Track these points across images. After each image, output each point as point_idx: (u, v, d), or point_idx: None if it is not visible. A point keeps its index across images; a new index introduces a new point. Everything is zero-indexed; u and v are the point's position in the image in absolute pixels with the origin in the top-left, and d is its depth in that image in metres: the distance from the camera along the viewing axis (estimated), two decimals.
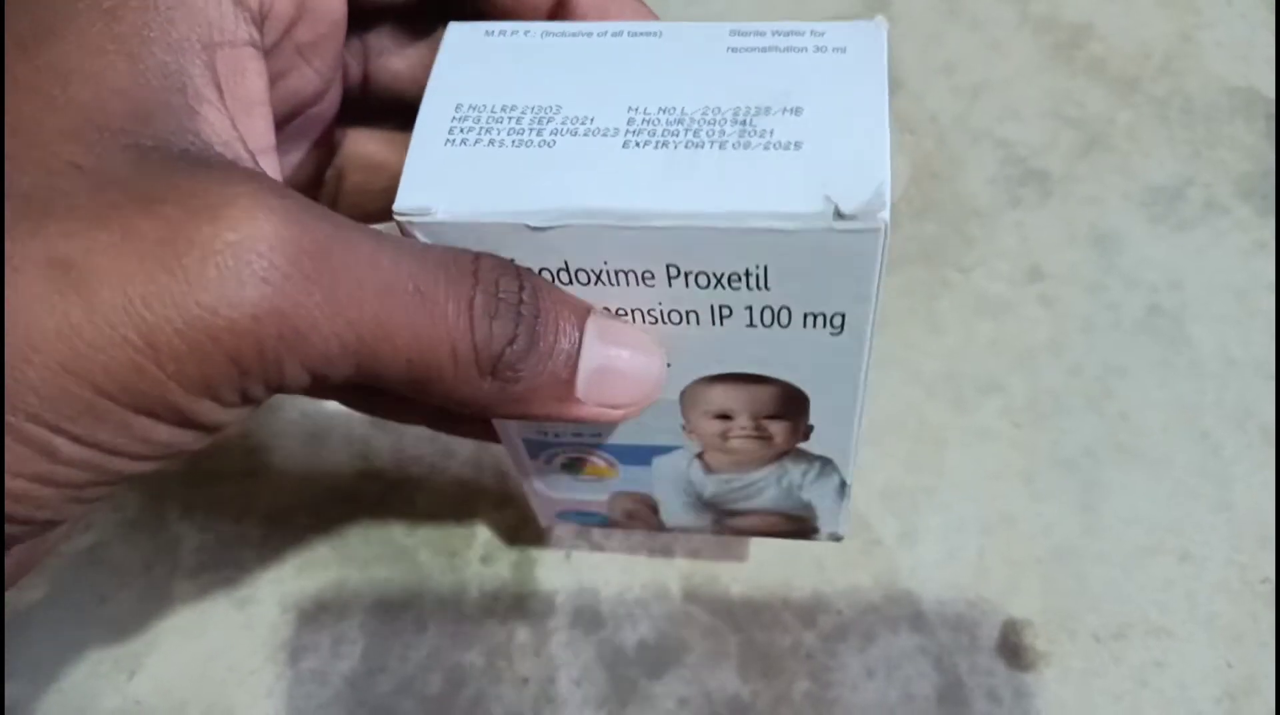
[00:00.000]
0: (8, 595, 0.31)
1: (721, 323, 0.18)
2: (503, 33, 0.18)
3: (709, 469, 0.23)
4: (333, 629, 0.30)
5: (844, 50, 0.17)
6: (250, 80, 0.16)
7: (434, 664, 0.30)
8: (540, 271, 0.17)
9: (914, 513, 0.32)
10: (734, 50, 0.17)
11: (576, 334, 0.17)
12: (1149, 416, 0.33)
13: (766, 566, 0.31)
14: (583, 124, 0.17)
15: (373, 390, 0.16)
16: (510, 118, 0.17)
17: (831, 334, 0.18)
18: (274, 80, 0.18)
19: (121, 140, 0.14)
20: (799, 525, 0.25)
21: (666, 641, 0.30)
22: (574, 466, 0.23)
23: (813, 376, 0.19)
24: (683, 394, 0.20)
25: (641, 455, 0.23)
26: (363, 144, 0.22)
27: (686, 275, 0.17)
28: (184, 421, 0.14)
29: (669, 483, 0.24)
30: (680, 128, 0.16)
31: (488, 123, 0.17)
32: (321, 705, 0.29)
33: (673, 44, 0.18)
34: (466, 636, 0.30)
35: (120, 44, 0.15)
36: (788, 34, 0.17)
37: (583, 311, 0.17)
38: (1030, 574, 0.31)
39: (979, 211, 0.37)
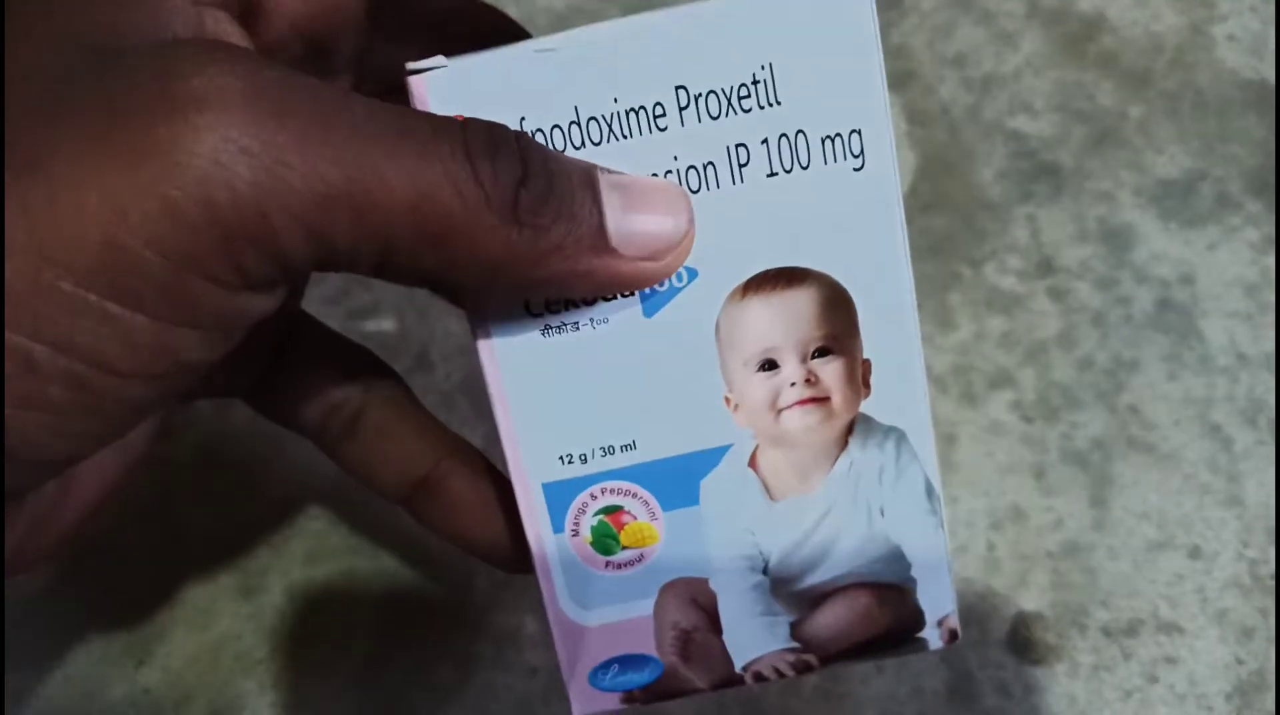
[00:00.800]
0: (15, 583, 0.31)
1: (742, 176, 0.17)
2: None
3: (770, 494, 0.19)
4: (341, 618, 0.30)
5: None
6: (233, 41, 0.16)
7: (443, 653, 0.30)
8: (553, 128, 0.17)
9: None
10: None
11: (591, 182, 0.16)
12: (1160, 411, 0.33)
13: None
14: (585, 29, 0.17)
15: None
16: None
17: (854, 169, 0.17)
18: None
19: (90, 39, 0.14)
20: (897, 609, 0.20)
21: None
22: (608, 533, 0.20)
23: (850, 254, 0.18)
24: (719, 328, 0.18)
25: (687, 477, 0.19)
26: None
27: (696, 99, 0.17)
28: (173, 311, 0.13)
29: (726, 541, 0.20)
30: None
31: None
32: (330, 694, 0.29)
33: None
34: (475, 626, 0.30)
35: None
36: None
37: (588, 164, 0.16)
38: (1040, 568, 0.31)
39: (990, 205, 0.37)
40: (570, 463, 0.19)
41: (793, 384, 0.19)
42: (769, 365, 0.19)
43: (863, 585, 0.20)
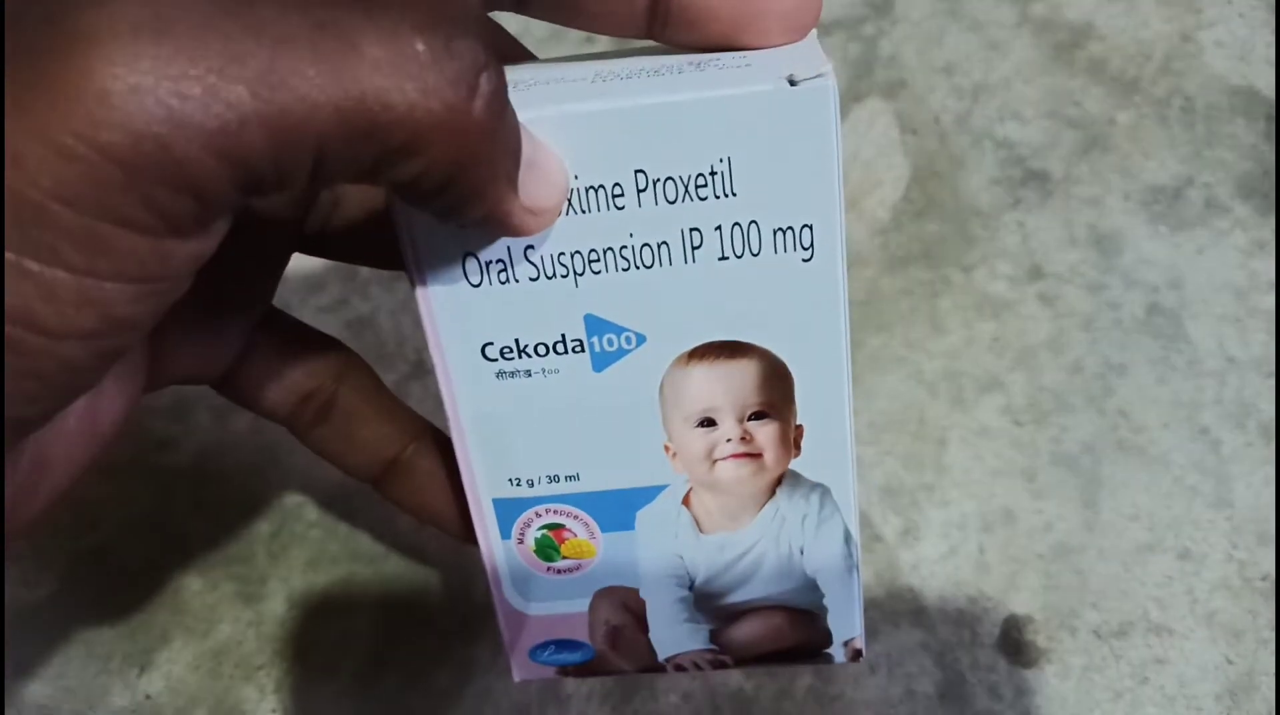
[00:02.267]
0: (18, 592, 0.31)
1: (694, 257, 0.18)
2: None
3: (700, 528, 0.21)
4: (341, 624, 0.31)
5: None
6: None
7: (441, 659, 0.30)
8: None
9: (915, 510, 0.32)
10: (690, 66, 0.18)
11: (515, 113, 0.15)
12: (1149, 414, 0.34)
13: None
14: (550, 79, 0.17)
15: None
16: None
17: (803, 260, 0.18)
18: None
19: None
20: (808, 629, 0.23)
21: None
22: (549, 544, 0.22)
23: (792, 335, 0.19)
24: (663, 388, 0.19)
25: (625, 507, 0.21)
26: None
27: (654, 184, 0.17)
28: (93, 260, 0.12)
29: (656, 561, 0.22)
30: (642, 72, 0.17)
31: None
32: (330, 700, 0.30)
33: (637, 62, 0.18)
34: (473, 632, 0.30)
35: None
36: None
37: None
38: (1031, 571, 0.31)
39: (980, 211, 0.38)
40: (518, 485, 0.21)
41: (729, 440, 0.20)
42: (708, 422, 0.20)
43: (778, 607, 0.22)
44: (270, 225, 0.21)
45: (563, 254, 0.18)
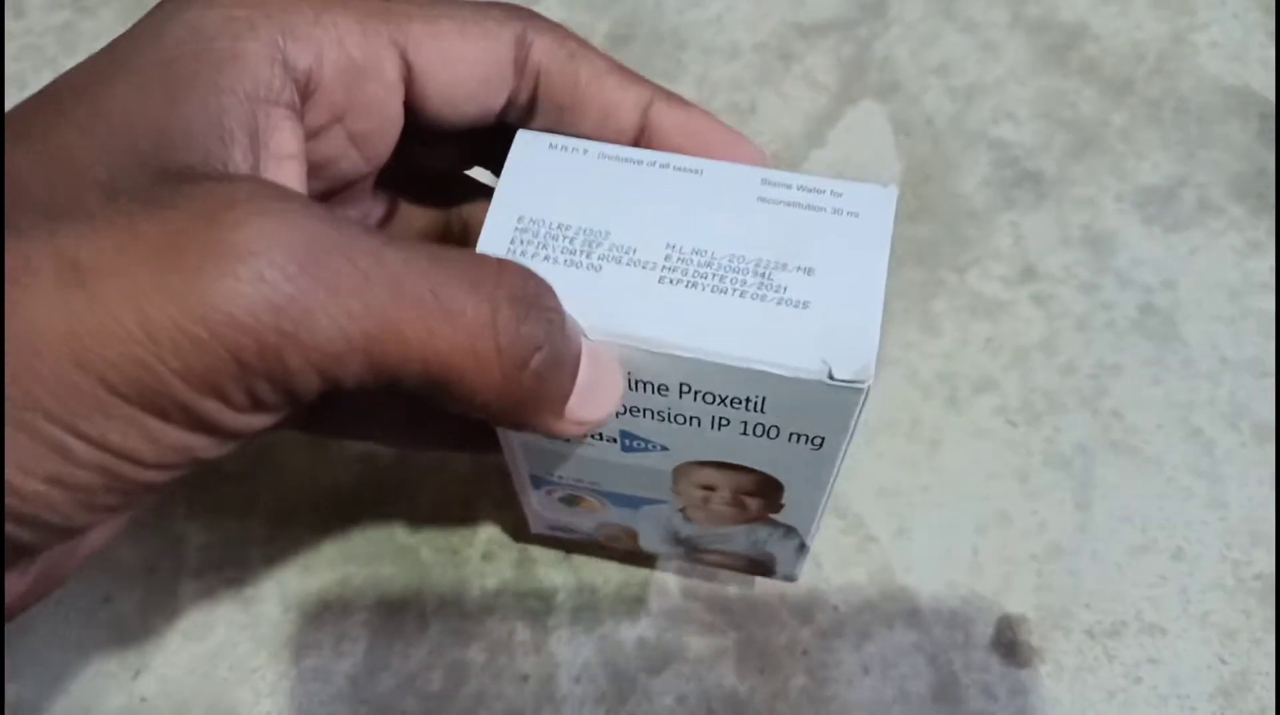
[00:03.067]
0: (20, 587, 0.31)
1: (719, 430, 0.20)
2: (565, 148, 0.20)
3: (689, 520, 0.25)
4: (336, 627, 0.31)
5: (857, 215, 0.19)
6: (284, 136, 0.18)
7: (435, 661, 0.30)
8: None
9: (909, 511, 0.32)
10: (763, 200, 0.20)
11: (578, 349, 0.18)
12: (1142, 415, 0.34)
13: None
14: (626, 253, 0.19)
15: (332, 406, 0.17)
16: (565, 236, 0.19)
17: (812, 450, 0.20)
18: (325, 164, 0.19)
19: (148, 163, 0.15)
20: (759, 567, 0.28)
21: (665, 639, 0.30)
22: (570, 501, 0.26)
23: (790, 474, 0.22)
24: (675, 472, 0.22)
25: (632, 502, 0.25)
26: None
27: (696, 392, 0.19)
28: (193, 423, 0.15)
29: (652, 523, 0.26)
30: (709, 271, 0.19)
31: (545, 238, 0.19)
32: (324, 703, 0.30)
33: (710, 184, 0.20)
34: (468, 634, 0.30)
35: (166, 89, 0.16)
36: (811, 190, 0.20)
37: (578, 338, 0.18)
38: (1025, 571, 0.31)
39: (974, 213, 0.38)
40: (552, 479, 0.25)
41: (723, 498, 0.24)
42: (708, 488, 0.23)
43: (741, 555, 0.28)
44: None
45: None
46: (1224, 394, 0.34)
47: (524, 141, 0.21)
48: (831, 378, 0.18)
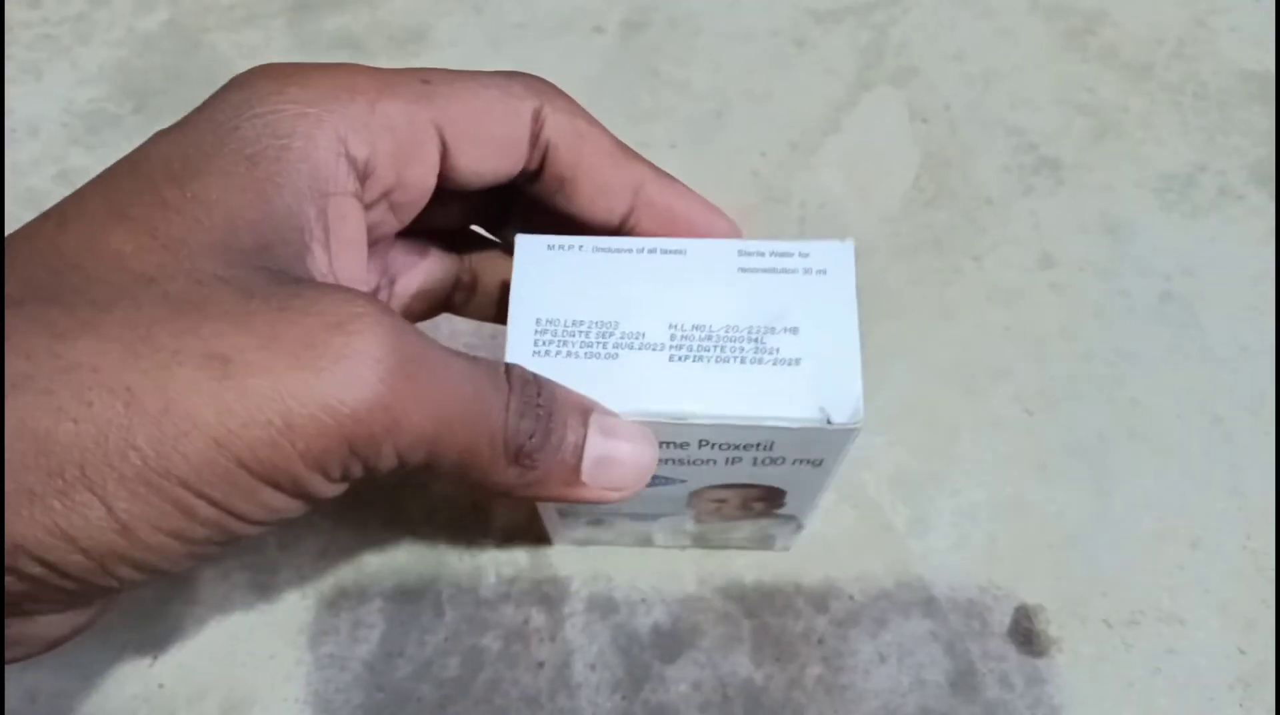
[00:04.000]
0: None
1: (732, 465, 0.23)
2: (562, 248, 0.23)
3: (700, 522, 0.28)
4: (352, 614, 0.31)
5: (825, 272, 0.22)
6: (351, 224, 0.20)
7: (451, 648, 0.30)
8: None
9: (925, 499, 0.32)
10: (743, 270, 0.22)
11: (582, 430, 0.20)
12: (1161, 403, 0.33)
13: (779, 553, 0.31)
14: (637, 338, 0.21)
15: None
16: (580, 331, 0.22)
17: (812, 467, 0.23)
18: (369, 229, 0.22)
19: (251, 261, 0.17)
20: (760, 544, 0.31)
21: (680, 626, 0.30)
22: (594, 522, 0.28)
23: (792, 484, 0.25)
24: (690, 494, 0.25)
25: (650, 516, 0.28)
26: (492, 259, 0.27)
27: (713, 445, 0.22)
28: (298, 493, 0.17)
29: (666, 527, 0.29)
30: (710, 343, 0.21)
31: (563, 336, 0.21)
32: (341, 689, 0.30)
33: (695, 262, 0.22)
34: (483, 621, 0.30)
35: (256, 186, 0.18)
36: (781, 255, 0.22)
37: (587, 410, 0.20)
38: (1042, 560, 0.31)
39: (991, 199, 0.38)
40: (579, 513, 0.27)
41: (733, 505, 0.26)
42: (719, 502, 0.26)
43: (743, 538, 0.30)
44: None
45: None
46: (1244, 381, 0.34)
47: (525, 245, 0.23)
48: (830, 423, 0.21)
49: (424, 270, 0.26)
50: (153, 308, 0.16)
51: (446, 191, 0.22)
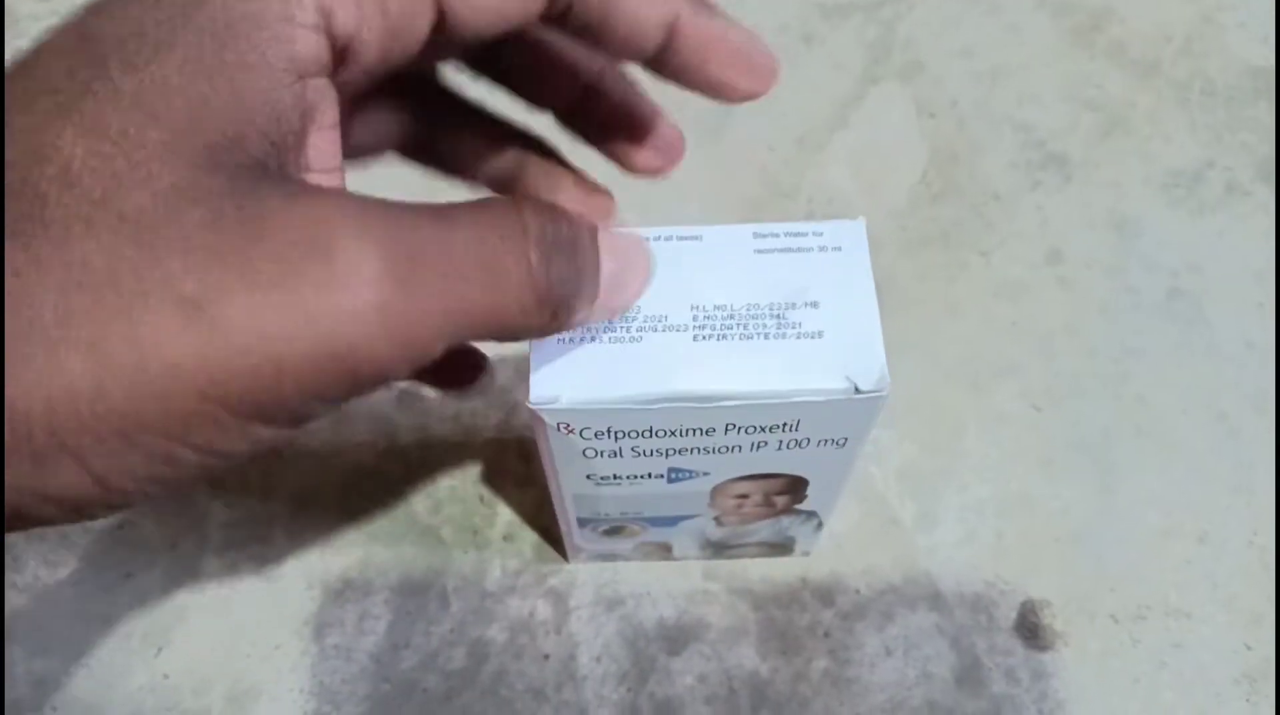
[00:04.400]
0: (40, 571, 0.31)
1: (757, 451, 0.23)
2: None
3: (721, 525, 0.28)
4: (358, 605, 0.31)
5: (840, 248, 0.22)
6: (326, 109, 0.17)
7: (457, 640, 0.30)
8: (630, 432, 0.22)
9: (932, 494, 0.32)
10: (759, 252, 0.22)
11: (597, 255, 0.18)
12: (1167, 399, 0.33)
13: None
14: (659, 321, 0.21)
15: None
16: None
17: (836, 448, 0.23)
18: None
19: (218, 159, 0.15)
20: (780, 550, 0.31)
21: (686, 619, 0.30)
22: (613, 531, 0.28)
23: (815, 471, 0.25)
24: (713, 490, 0.25)
25: (670, 521, 0.28)
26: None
27: (739, 428, 0.22)
28: (294, 422, 0.16)
29: (687, 534, 0.29)
30: (733, 322, 0.21)
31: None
32: (346, 680, 0.30)
33: (711, 246, 0.22)
34: (489, 613, 0.30)
35: (225, 70, 0.15)
36: (796, 235, 0.22)
37: (594, 228, 0.18)
38: (1048, 555, 0.31)
39: (998, 195, 0.38)
40: (599, 517, 0.27)
41: (755, 502, 0.26)
42: (741, 497, 0.26)
43: (764, 543, 0.30)
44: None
45: (657, 451, 0.23)
46: (1250, 378, 0.34)
47: None
48: (858, 391, 0.21)
49: (380, 121, 0.22)
50: (111, 236, 0.14)
51: (444, 42, 0.19)
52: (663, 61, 0.20)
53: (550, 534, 0.32)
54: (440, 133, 0.23)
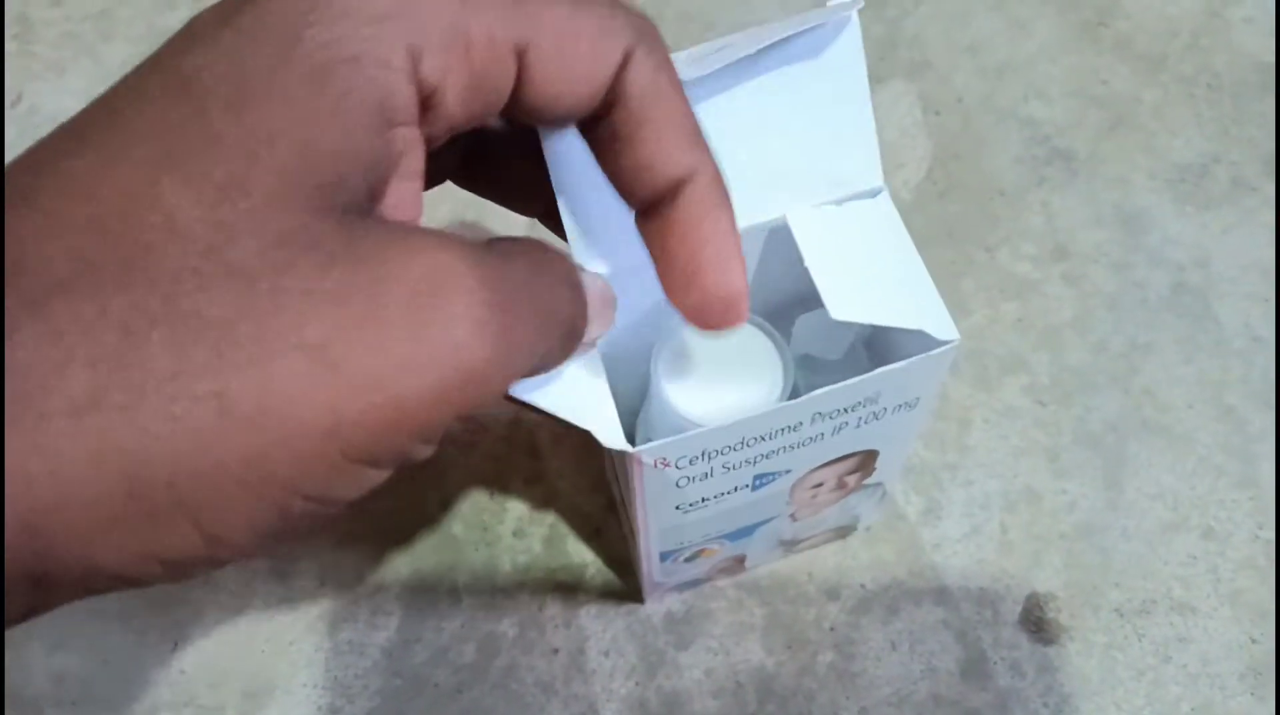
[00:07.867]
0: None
1: (836, 434, 0.23)
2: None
3: (795, 520, 0.28)
4: (370, 601, 0.31)
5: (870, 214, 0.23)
6: (414, 156, 0.17)
7: (468, 634, 0.31)
8: (721, 449, 0.22)
9: (938, 489, 0.32)
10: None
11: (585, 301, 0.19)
12: (1174, 393, 0.34)
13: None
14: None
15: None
16: None
17: (908, 410, 0.23)
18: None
19: (323, 203, 0.15)
20: (844, 533, 0.31)
21: (693, 614, 0.31)
22: (693, 557, 0.28)
23: (888, 441, 0.25)
24: (792, 486, 0.25)
25: (748, 531, 0.27)
26: None
27: (825, 415, 0.22)
28: (397, 463, 0.16)
29: (761, 541, 0.29)
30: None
31: None
32: (359, 675, 0.30)
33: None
34: (499, 608, 0.31)
35: (323, 113, 0.15)
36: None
37: (574, 268, 0.19)
38: (1054, 549, 0.31)
39: (1004, 191, 0.38)
40: (681, 546, 0.27)
41: (830, 489, 0.26)
42: (816, 486, 0.26)
43: (831, 530, 0.31)
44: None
45: (745, 461, 0.22)
46: (1256, 372, 0.34)
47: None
48: (939, 343, 0.21)
49: (444, 156, 0.22)
50: (223, 285, 0.14)
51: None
52: (650, 214, 0.19)
53: (559, 529, 0.32)
54: (496, 164, 0.23)
